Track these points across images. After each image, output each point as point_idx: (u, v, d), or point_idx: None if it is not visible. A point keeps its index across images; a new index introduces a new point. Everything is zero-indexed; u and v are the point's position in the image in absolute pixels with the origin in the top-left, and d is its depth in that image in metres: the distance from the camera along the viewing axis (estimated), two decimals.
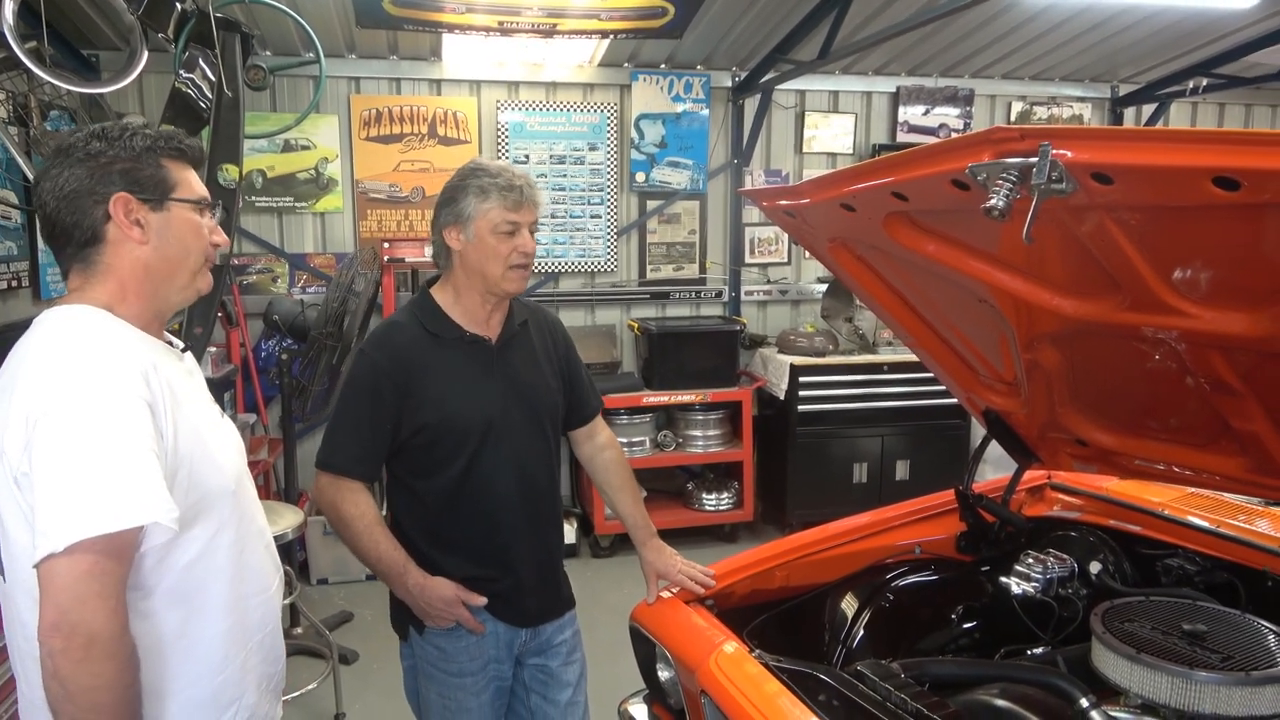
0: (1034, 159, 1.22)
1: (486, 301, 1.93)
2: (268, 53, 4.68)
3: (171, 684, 1.31)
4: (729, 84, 5.37)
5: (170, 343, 1.43)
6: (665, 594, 2.03)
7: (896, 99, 5.57)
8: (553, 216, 5.26)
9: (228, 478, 1.37)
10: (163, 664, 1.29)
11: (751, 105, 5.36)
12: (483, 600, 1.91)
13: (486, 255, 1.87)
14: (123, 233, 1.31)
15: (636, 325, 5.25)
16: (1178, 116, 5.93)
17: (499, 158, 5.11)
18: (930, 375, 2.30)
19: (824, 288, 5.42)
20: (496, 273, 1.87)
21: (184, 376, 1.39)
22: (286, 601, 3.40)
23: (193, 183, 1.39)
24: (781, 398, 5.06)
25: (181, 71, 3.10)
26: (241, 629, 1.40)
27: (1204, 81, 5.28)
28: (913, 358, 2.24)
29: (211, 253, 1.42)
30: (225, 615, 1.37)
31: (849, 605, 2.09)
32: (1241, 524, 2.10)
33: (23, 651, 1.29)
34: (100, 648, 1.15)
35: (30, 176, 2.96)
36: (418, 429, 1.88)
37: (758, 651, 1.75)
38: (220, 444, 1.39)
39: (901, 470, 5.16)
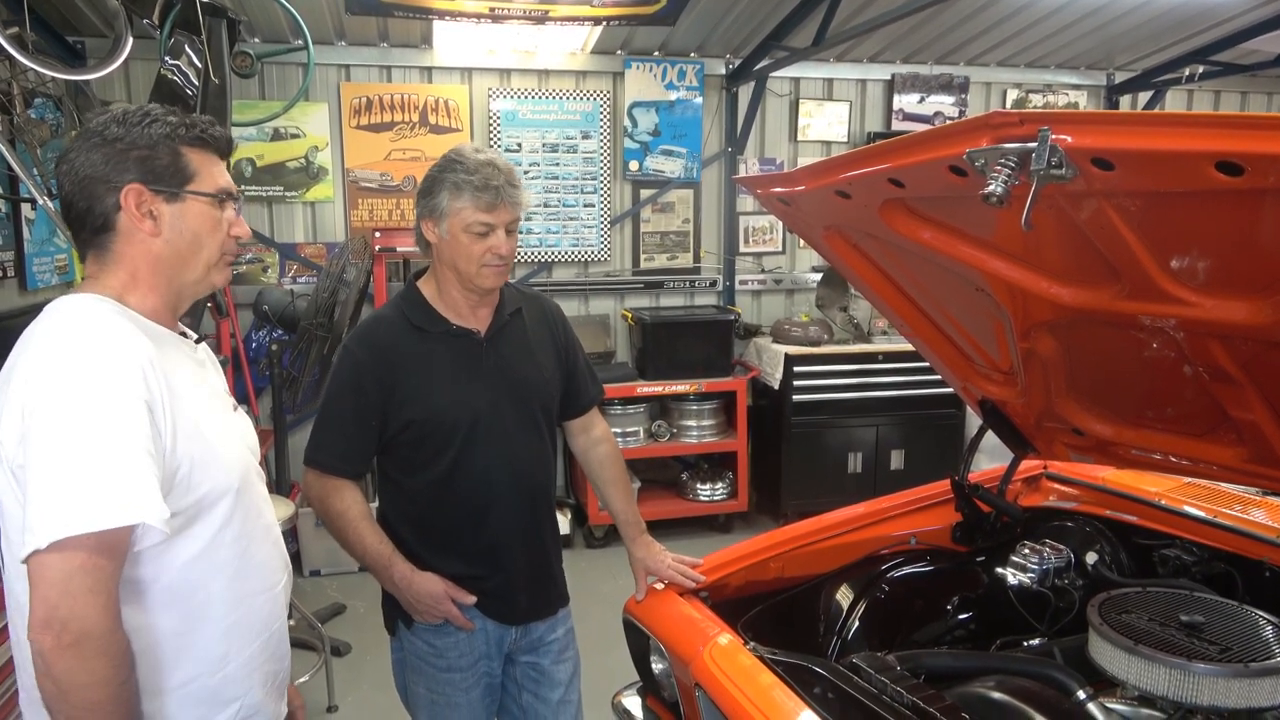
0: (1033, 144, 1.20)
1: (468, 296, 1.89)
2: (255, 39, 4.63)
3: (168, 680, 1.29)
4: (723, 71, 5.33)
5: (184, 334, 1.40)
6: (658, 586, 2.01)
7: (891, 86, 5.54)
8: (545, 205, 5.23)
9: (232, 474, 1.34)
10: (160, 660, 1.27)
11: (745, 93, 5.33)
12: (472, 599, 1.87)
13: (459, 253, 1.82)
14: (133, 224, 1.28)
15: (630, 315, 5.22)
16: (1173, 104, 5.92)
17: (490, 146, 5.06)
18: (926, 364, 2.29)
19: (819, 277, 5.40)
20: (470, 270, 1.83)
21: (194, 369, 1.37)
22: None
23: (214, 174, 1.35)
24: (776, 387, 5.04)
25: (167, 58, 3.05)
26: (245, 626, 1.37)
27: (1200, 69, 5.26)
28: (908, 347, 2.22)
29: (231, 246, 1.39)
30: (228, 612, 1.34)
31: (844, 597, 2.08)
32: (1238, 514, 2.09)
33: (23, 640, 1.26)
34: (92, 644, 1.12)
35: (14, 165, 2.92)
36: (404, 425, 1.85)
37: (752, 643, 1.74)
38: (226, 440, 1.36)
39: (897, 460, 5.16)
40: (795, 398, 5.00)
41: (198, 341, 1.45)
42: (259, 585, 1.40)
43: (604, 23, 4.46)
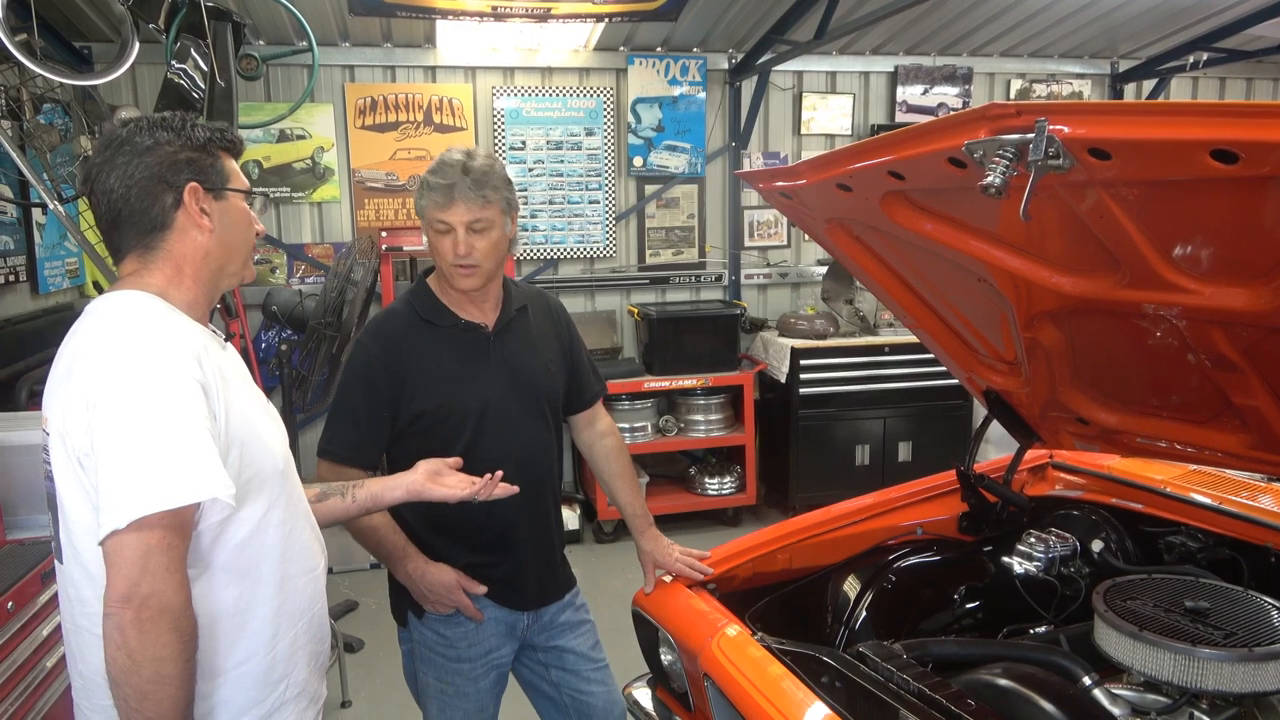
0: (1030, 135, 1.21)
1: (466, 294, 1.91)
2: (261, 42, 4.65)
3: (225, 660, 1.34)
4: (725, 66, 5.33)
5: (214, 331, 1.46)
6: (666, 578, 2.03)
7: (894, 79, 5.53)
8: (550, 203, 5.24)
9: (277, 458, 1.41)
10: (217, 640, 1.32)
11: (749, 87, 5.33)
12: (483, 588, 1.91)
13: (433, 251, 1.88)
14: (192, 220, 1.36)
15: (636, 311, 5.24)
16: (1178, 92, 5.89)
17: (495, 144, 5.09)
18: (931, 356, 2.29)
19: (824, 270, 5.40)
20: (446, 269, 1.87)
21: (229, 362, 1.43)
22: None
23: (239, 173, 1.44)
24: (783, 381, 5.05)
25: (174, 62, 3.07)
26: (292, 607, 1.43)
27: (1204, 56, 5.23)
28: (914, 339, 2.24)
29: (254, 240, 1.48)
30: (276, 593, 1.40)
31: (851, 587, 2.09)
32: (1244, 500, 2.10)
33: (81, 628, 1.33)
34: (169, 619, 1.18)
35: (24, 170, 2.94)
36: (414, 416, 1.88)
37: (760, 634, 1.75)
38: (267, 426, 1.42)
39: (904, 451, 5.16)
40: (802, 391, 5.01)
41: (226, 340, 1.49)
42: (302, 567, 1.46)
43: (606, 20, 4.47)
